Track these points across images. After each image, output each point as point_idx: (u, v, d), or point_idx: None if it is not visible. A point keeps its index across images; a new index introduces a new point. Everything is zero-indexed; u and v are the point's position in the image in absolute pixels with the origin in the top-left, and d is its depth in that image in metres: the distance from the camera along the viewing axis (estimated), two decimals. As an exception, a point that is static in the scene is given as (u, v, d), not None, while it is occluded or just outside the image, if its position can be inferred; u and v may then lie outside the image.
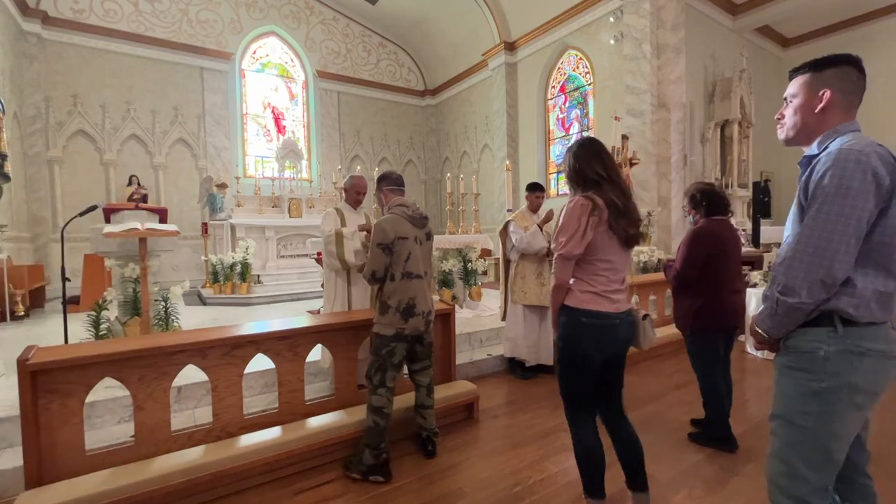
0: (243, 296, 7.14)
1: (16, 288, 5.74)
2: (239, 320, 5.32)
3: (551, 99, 10.13)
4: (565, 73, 9.76)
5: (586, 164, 1.87)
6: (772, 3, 8.21)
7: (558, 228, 1.87)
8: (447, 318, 3.39)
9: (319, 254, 4.87)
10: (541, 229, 3.88)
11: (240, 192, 8.87)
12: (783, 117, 1.43)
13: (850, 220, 1.18)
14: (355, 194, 3.38)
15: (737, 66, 8.09)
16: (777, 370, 1.40)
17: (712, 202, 2.78)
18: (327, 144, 11.82)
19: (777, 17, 8.74)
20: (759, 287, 4.76)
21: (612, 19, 8.02)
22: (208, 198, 8.43)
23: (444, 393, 3.09)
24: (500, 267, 4.37)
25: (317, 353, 3.00)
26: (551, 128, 10.18)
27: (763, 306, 1.37)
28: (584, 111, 9.46)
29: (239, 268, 7.20)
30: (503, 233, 4.14)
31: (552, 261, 2.06)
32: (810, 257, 1.22)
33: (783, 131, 1.43)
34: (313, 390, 3.16)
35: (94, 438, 2.48)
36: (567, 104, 9.83)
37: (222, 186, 8.53)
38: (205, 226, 8.64)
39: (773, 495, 1.37)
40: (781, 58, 10.20)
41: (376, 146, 12.64)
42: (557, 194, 9.99)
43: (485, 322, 5.00)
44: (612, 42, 8.06)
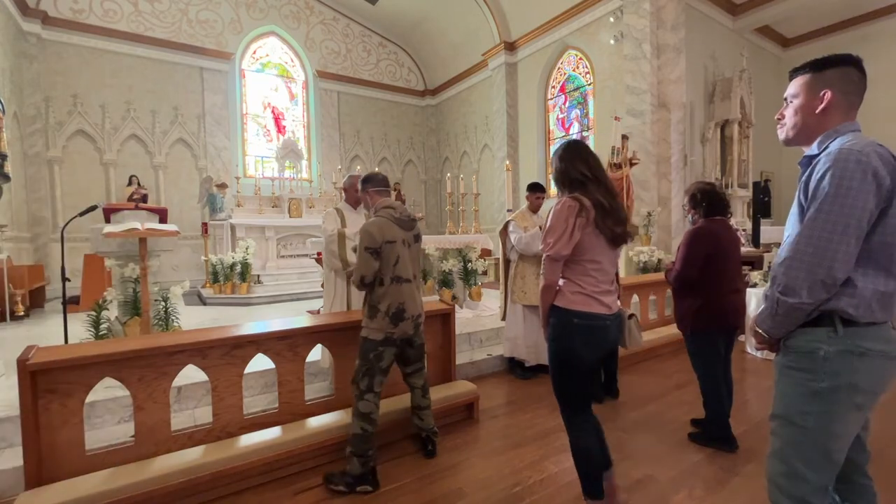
0: (243, 296, 7.14)
1: (16, 288, 5.74)
2: (239, 320, 5.31)
3: (551, 99, 10.13)
4: (565, 73, 9.76)
5: (571, 165, 1.92)
6: (772, 4, 8.20)
7: (546, 230, 1.89)
8: (447, 318, 3.39)
9: (319, 254, 4.87)
10: (541, 230, 3.88)
11: (240, 192, 8.88)
12: (783, 117, 1.43)
13: (850, 220, 1.18)
14: (355, 194, 3.38)
15: (737, 66, 8.08)
16: (777, 370, 1.40)
17: (712, 203, 2.79)
18: (327, 144, 11.82)
19: (777, 18, 8.74)
20: (759, 287, 4.77)
21: (612, 19, 8.02)
22: (208, 198, 8.43)
23: (443, 393, 3.09)
24: (500, 267, 4.37)
25: (317, 353, 3.00)
26: (551, 128, 10.17)
27: (763, 306, 1.37)
28: (584, 111, 9.45)
29: (239, 268, 7.21)
30: (503, 233, 4.14)
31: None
32: (810, 257, 1.22)
33: (783, 131, 1.43)
34: (313, 390, 3.15)
35: (94, 438, 2.48)
36: (567, 104, 9.83)
37: (222, 186, 8.52)
38: (205, 226, 8.63)
39: (773, 495, 1.37)
40: (781, 58, 10.20)
41: (376, 146, 12.64)
42: (558, 194, 9.98)
43: (485, 322, 5.00)
44: (612, 42, 8.05)
